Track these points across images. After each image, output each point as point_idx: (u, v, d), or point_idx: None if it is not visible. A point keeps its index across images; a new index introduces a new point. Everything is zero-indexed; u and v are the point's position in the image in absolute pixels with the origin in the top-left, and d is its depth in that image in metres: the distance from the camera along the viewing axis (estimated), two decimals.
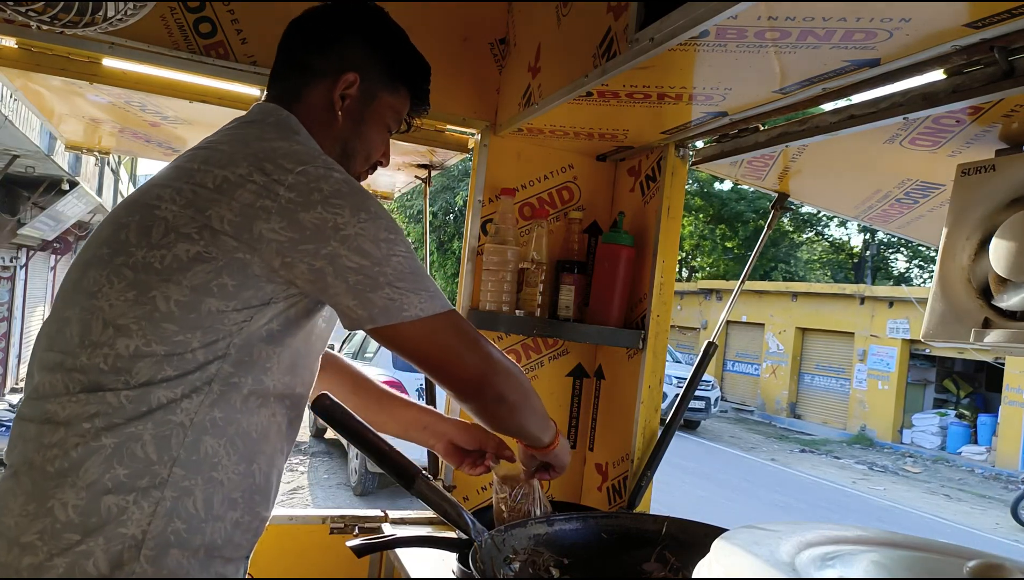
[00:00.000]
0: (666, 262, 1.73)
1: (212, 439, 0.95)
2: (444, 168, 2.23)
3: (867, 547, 0.97)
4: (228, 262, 0.94)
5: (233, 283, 0.94)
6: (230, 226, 0.93)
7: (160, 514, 0.91)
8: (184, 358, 0.93)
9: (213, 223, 0.93)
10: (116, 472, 0.90)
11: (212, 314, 0.94)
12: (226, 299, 0.94)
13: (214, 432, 0.95)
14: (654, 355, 1.72)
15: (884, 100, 1.18)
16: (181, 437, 0.93)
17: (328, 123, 1.14)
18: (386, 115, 1.20)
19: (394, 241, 1.00)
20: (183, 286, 0.93)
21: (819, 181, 1.78)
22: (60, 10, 1.16)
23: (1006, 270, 1.06)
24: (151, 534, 0.90)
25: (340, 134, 1.15)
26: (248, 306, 0.96)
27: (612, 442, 1.86)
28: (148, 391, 0.92)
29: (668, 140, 1.68)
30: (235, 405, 0.97)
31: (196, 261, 0.93)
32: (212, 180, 0.96)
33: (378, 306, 0.98)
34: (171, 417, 0.93)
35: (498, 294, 1.78)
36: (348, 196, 0.97)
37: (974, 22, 0.90)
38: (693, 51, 1.09)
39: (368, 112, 1.17)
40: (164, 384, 0.93)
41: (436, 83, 1.77)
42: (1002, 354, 3.96)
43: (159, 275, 0.93)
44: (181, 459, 0.93)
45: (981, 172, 1.16)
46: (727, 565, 0.84)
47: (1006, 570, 0.80)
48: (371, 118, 1.18)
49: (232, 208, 0.94)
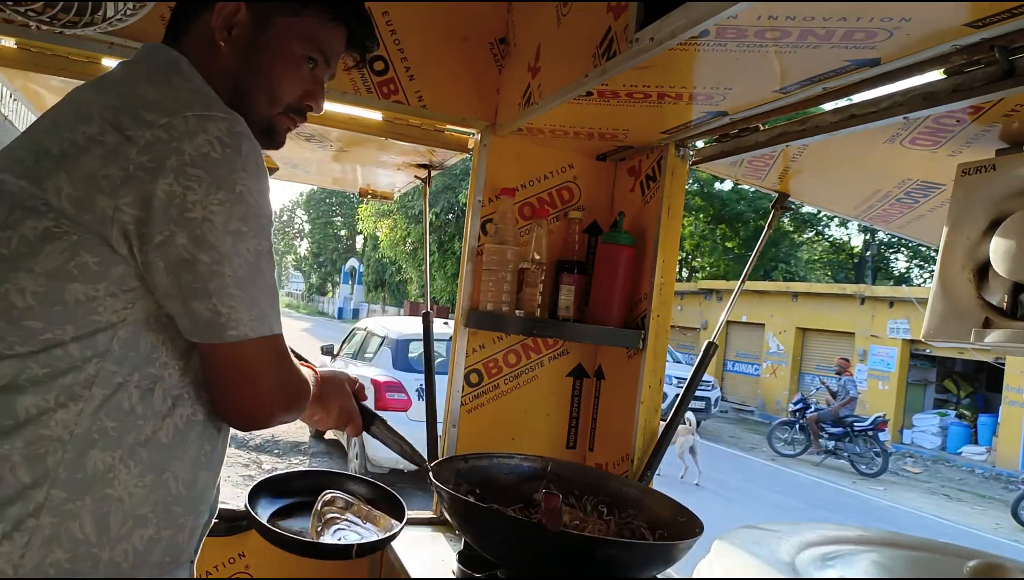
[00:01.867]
0: (666, 262, 1.73)
1: (101, 452, 0.81)
2: (444, 168, 2.23)
3: (867, 547, 0.97)
4: (83, 236, 0.79)
5: (95, 260, 0.79)
6: (69, 202, 0.78)
7: (35, 544, 0.78)
8: (54, 354, 0.79)
9: (50, 198, 0.78)
10: None
11: (81, 303, 0.79)
12: (92, 281, 0.79)
13: (104, 444, 0.81)
14: (654, 355, 1.72)
15: (884, 100, 1.18)
16: (59, 454, 0.79)
17: (213, 60, 0.95)
18: (292, 44, 0.98)
19: (246, 234, 0.82)
20: (36, 273, 0.78)
21: (819, 181, 1.77)
22: (59, 10, 1.15)
23: (1007, 270, 1.06)
24: (23, 569, 0.77)
25: (230, 70, 0.96)
26: (125, 289, 0.81)
27: (612, 442, 1.86)
28: (12, 400, 0.78)
29: (668, 140, 1.68)
30: (131, 410, 0.83)
31: (46, 240, 0.78)
32: (57, 144, 0.80)
33: (201, 320, 0.82)
34: (44, 431, 0.79)
35: (498, 294, 1.78)
36: (213, 164, 0.79)
37: (974, 21, 0.90)
38: (693, 51, 1.09)
39: (263, 41, 0.97)
40: (31, 390, 0.78)
41: (436, 83, 1.78)
42: (1002, 354, 3.96)
43: (7, 263, 0.79)
44: (60, 479, 0.79)
45: (981, 172, 1.16)
46: (727, 565, 0.84)
47: (1006, 570, 0.80)
48: (268, 48, 0.97)
49: (72, 180, 0.78)
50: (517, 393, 1.94)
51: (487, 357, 1.91)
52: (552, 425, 1.97)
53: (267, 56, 0.97)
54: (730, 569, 0.83)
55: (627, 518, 1.52)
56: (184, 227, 0.78)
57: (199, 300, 0.81)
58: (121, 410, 0.82)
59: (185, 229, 0.78)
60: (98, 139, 0.79)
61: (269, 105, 1.00)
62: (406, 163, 2.24)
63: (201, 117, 0.81)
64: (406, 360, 7.25)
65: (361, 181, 2.63)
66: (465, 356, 1.89)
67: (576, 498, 1.60)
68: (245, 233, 0.82)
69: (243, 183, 0.82)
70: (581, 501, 1.59)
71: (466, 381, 1.89)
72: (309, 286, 60.41)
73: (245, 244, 0.82)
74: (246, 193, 0.82)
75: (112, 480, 0.82)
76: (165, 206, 0.78)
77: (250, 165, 0.83)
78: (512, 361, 1.94)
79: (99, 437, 0.81)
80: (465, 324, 1.87)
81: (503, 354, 1.93)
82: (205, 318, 0.82)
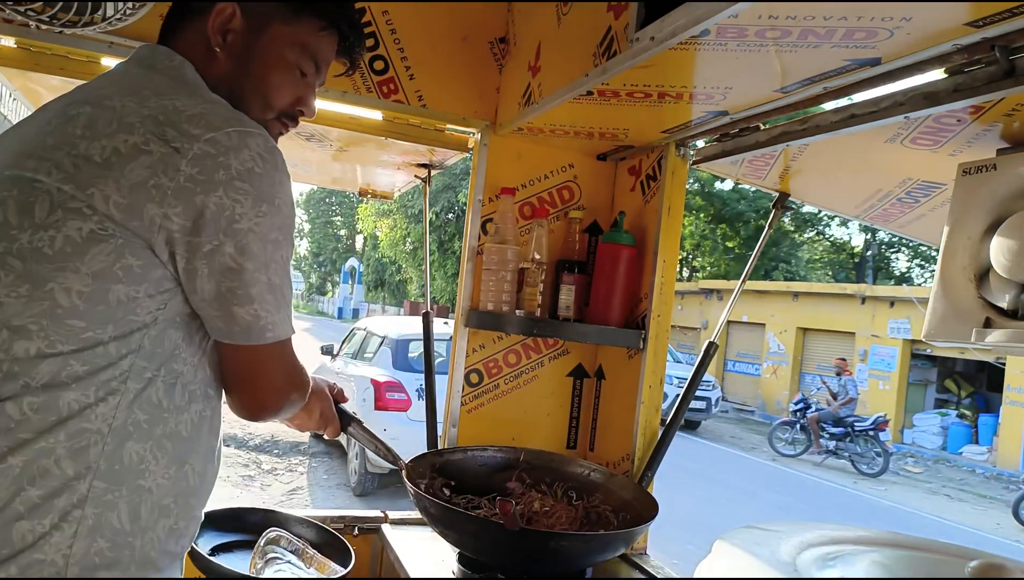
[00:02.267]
0: (667, 262, 1.73)
1: (136, 444, 0.85)
2: (444, 168, 2.23)
3: (868, 547, 0.97)
4: (128, 240, 0.81)
5: (139, 263, 0.82)
6: (117, 209, 0.80)
7: (82, 534, 0.81)
8: (95, 353, 0.82)
9: (97, 204, 0.80)
10: (28, 494, 0.79)
11: (123, 303, 0.82)
12: (135, 283, 0.83)
13: (138, 436, 0.85)
14: (654, 355, 1.72)
15: (885, 99, 1.18)
16: (100, 446, 0.82)
17: (210, 65, 0.97)
18: (285, 51, 1.00)
19: (281, 243, 0.88)
20: (82, 273, 0.80)
21: (820, 180, 1.77)
22: (59, 9, 1.15)
23: (1007, 270, 1.06)
24: (74, 559, 0.81)
25: (225, 77, 0.97)
26: (161, 290, 0.85)
27: (612, 442, 1.86)
28: (55, 396, 0.81)
29: (669, 139, 1.68)
30: (159, 403, 0.87)
31: (92, 241, 0.80)
32: (99, 151, 0.82)
33: (240, 324, 0.87)
34: (86, 425, 0.82)
35: (498, 294, 1.77)
36: (257, 178, 0.85)
37: (975, 21, 0.90)
38: (693, 50, 1.09)
39: (258, 48, 0.98)
40: (73, 386, 0.81)
41: (436, 82, 1.78)
42: (1003, 354, 3.96)
43: (52, 262, 0.80)
44: (101, 470, 0.83)
45: (982, 171, 1.16)
46: (728, 565, 0.84)
47: (1007, 570, 0.80)
48: (262, 55, 0.99)
49: (120, 187, 0.80)
50: (517, 393, 1.94)
51: (487, 357, 1.91)
52: (552, 425, 1.97)
53: (261, 63, 0.99)
54: (731, 569, 0.83)
55: (594, 503, 1.60)
56: (232, 237, 0.83)
57: (241, 305, 0.86)
58: (151, 403, 0.86)
59: (233, 239, 0.83)
60: (143, 148, 0.81)
61: (263, 110, 1.01)
62: (406, 162, 2.24)
63: (242, 133, 0.85)
64: (406, 360, 7.25)
65: (361, 181, 2.63)
66: (465, 356, 1.88)
67: (547, 485, 1.67)
68: (281, 242, 0.88)
69: (280, 196, 0.88)
70: (552, 487, 1.66)
71: (466, 381, 1.89)
72: (309, 286, 60.42)
73: (280, 252, 0.88)
74: (283, 205, 0.88)
75: (144, 471, 0.86)
76: (216, 217, 0.82)
77: (285, 179, 0.89)
78: (512, 361, 1.94)
79: (133, 429, 0.85)
80: (465, 324, 1.86)
81: (503, 354, 1.93)
82: (245, 322, 0.87)
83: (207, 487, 0.97)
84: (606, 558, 1.48)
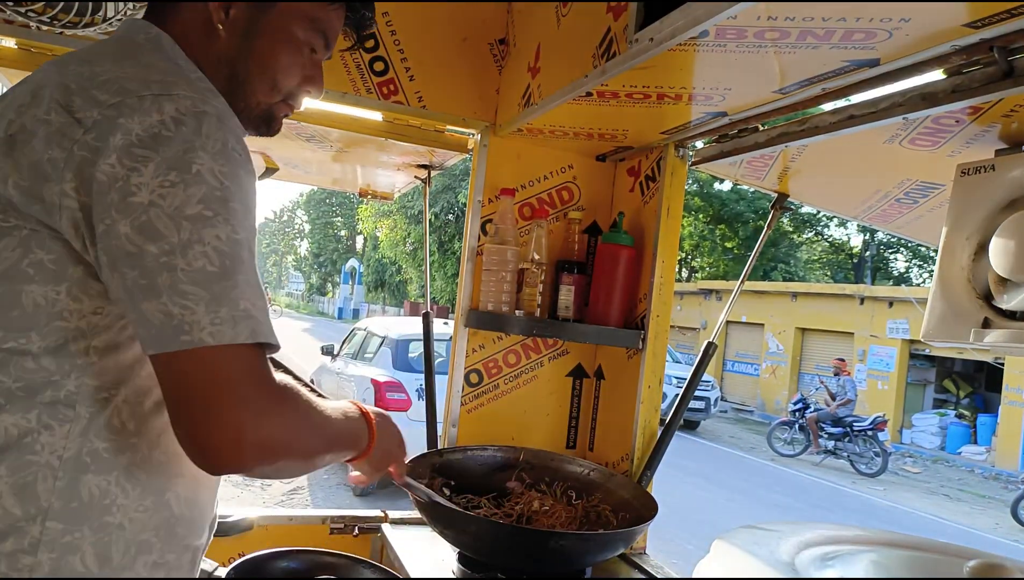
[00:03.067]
0: (666, 262, 1.73)
1: (96, 477, 0.72)
2: (444, 168, 2.23)
3: (867, 547, 0.98)
4: (34, 230, 0.70)
5: (50, 258, 0.70)
6: (17, 192, 0.69)
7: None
8: (24, 367, 0.70)
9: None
10: None
11: (41, 307, 0.70)
12: (50, 282, 0.70)
13: (97, 468, 0.73)
14: (654, 355, 1.72)
15: (884, 100, 1.18)
16: (50, 482, 0.70)
17: (208, 43, 0.86)
18: (292, 27, 0.90)
19: (211, 220, 0.68)
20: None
21: (819, 181, 1.78)
22: (60, 10, 1.16)
23: (1006, 270, 1.06)
24: None
25: (226, 55, 0.87)
26: (88, 292, 0.71)
27: (612, 442, 1.86)
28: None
29: (668, 140, 1.68)
30: (122, 428, 0.74)
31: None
32: (4, 127, 0.72)
33: (151, 326, 0.67)
34: (31, 457, 0.70)
35: (498, 294, 1.78)
36: (166, 141, 0.68)
37: (973, 22, 0.90)
38: (693, 51, 1.09)
39: (263, 25, 0.88)
40: (8, 407, 0.70)
41: (436, 83, 1.78)
42: (1002, 354, 3.96)
43: None
44: (55, 510, 0.70)
45: (981, 172, 1.16)
46: (727, 565, 0.85)
47: (1006, 570, 0.80)
48: (268, 32, 0.88)
49: (20, 167, 0.69)
50: (517, 393, 1.94)
51: (487, 357, 1.92)
52: (552, 425, 1.98)
53: (267, 40, 0.89)
54: (730, 569, 0.84)
55: (594, 502, 1.61)
56: (126, 214, 0.66)
57: (148, 299, 0.67)
58: (112, 429, 0.74)
59: (127, 216, 0.66)
60: (44, 119, 0.69)
61: (269, 92, 0.91)
62: (406, 163, 2.24)
63: (158, 96, 0.70)
64: (406, 360, 7.25)
65: (361, 181, 2.63)
66: (465, 356, 1.89)
67: (547, 484, 1.67)
68: (210, 218, 0.68)
69: (201, 162, 0.69)
70: (552, 487, 1.66)
71: (466, 381, 1.89)
72: (309, 286, 60.42)
73: (211, 231, 0.68)
74: (206, 173, 0.69)
75: (109, 507, 0.74)
76: (106, 190, 0.67)
77: (211, 144, 0.70)
78: (512, 361, 1.94)
79: (91, 460, 0.73)
80: (465, 324, 1.87)
81: (503, 354, 1.93)
82: (157, 321, 0.67)
83: (201, 511, 0.86)
84: (605, 558, 1.48)
